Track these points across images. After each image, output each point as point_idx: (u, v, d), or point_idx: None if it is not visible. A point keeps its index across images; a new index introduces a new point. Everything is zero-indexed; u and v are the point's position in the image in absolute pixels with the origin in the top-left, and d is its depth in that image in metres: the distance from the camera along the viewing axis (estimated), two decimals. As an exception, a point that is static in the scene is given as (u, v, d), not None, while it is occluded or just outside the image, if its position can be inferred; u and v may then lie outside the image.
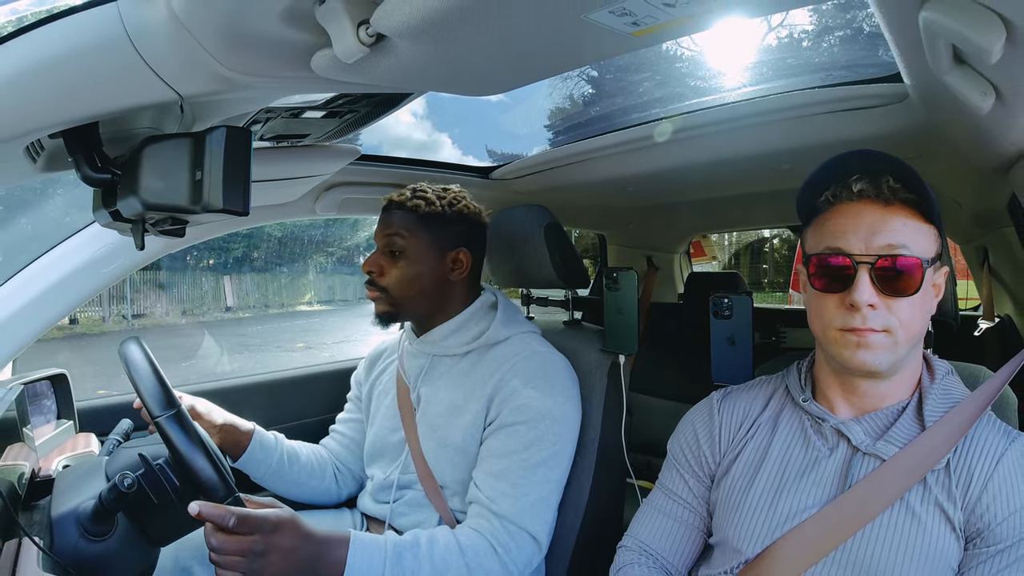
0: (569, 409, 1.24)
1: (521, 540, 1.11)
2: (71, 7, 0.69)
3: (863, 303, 0.82)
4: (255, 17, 0.65)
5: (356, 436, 1.51)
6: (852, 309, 0.83)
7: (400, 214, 1.30)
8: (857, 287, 0.82)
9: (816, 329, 0.90)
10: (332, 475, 1.49)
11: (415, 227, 1.29)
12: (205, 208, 0.78)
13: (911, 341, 0.85)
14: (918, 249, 0.83)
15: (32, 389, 1.29)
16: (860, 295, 0.82)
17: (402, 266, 1.29)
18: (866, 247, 0.83)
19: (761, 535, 0.90)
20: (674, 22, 0.66)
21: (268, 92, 0.90)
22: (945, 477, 0.83)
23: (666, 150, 1.50)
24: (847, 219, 0.86)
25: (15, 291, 1.26)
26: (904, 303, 0.83)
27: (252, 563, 0.91)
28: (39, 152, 0.90)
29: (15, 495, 0.99)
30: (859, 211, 0.85)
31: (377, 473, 1.38)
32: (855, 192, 0.85)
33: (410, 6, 0.60)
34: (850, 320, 0.84)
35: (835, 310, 0.85)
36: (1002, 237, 1.76)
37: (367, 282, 1.33)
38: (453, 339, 1.32)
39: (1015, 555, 0.78)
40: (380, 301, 1.31)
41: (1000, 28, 0.62)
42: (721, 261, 7.78)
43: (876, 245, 0.83)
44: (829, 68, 1.48)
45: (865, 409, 0.91)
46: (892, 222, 0.84)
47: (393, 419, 1.38)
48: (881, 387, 0.90)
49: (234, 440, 1.33)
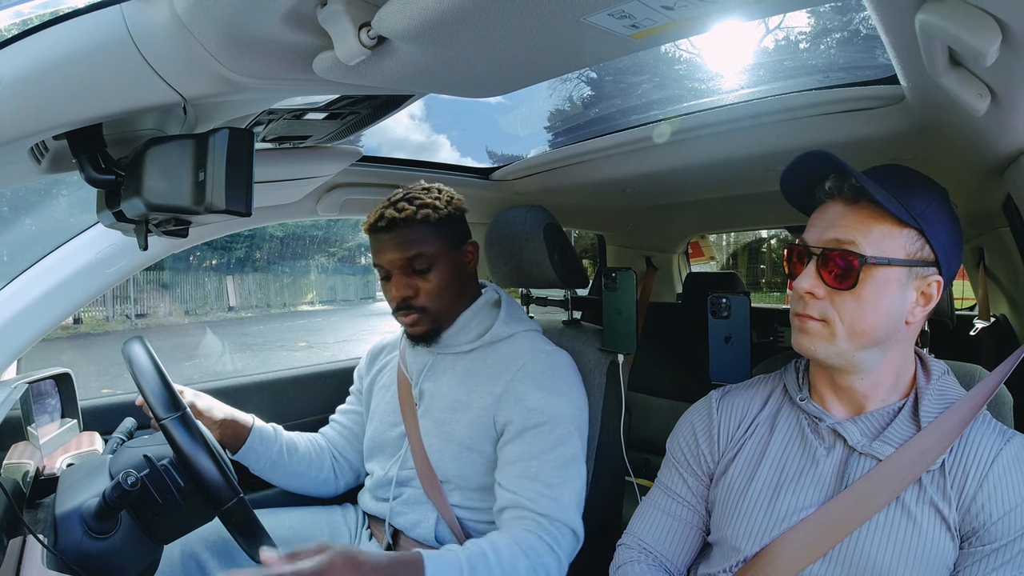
0: (581, 405, 1.26)
1: (566, 535, 1.12)
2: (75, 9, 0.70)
3: (802, 289, 0.88)
4: (258, 20, 0.66)
5: (355, 428, 1.52)
6: (796, 294, 0.90)
7: (412, 230, 1.24)
8: (801, 274, 0.89)
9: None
10: (330, 466, 1.49)
11: (433, 237, 1.26)
12: (208, 209, 0.78)
13: (857, 339, 0.86)
14: (870, 247, 0.84)
15: (37, 388, 1.29)
16: (800, 281, 0.88)
17: (432, 279, 1.26)
18: (817, 239, 0.89)
19: (759, 534, 0.91)
20: (672, 24, 0.67)
21: (270, 94, 0.90)
22: (940, 477, 0.84)
23: (665, 151, 1.51)
24: (817, 215, 0.92)
25: (20, 291, 1.27)
26: (847, 298, 0.85)
27: None
28: (44, 153, 0.91)
29: (20, 493, 1.00)
30: (826, 208, 0.91)
31: (376, 469, 1.39)
32: (826, 191, 0.91)
33: (411, 9, 0.61)
34: (796, 306, 0.91)
35: (793, 296, 0.92)
36: (997, 237, 1.76)
37: (400, 308, 1.28)
38: (457, 337, 1.33)
39: (1010, 553, 0.79)
40: (420, 322, 1.28)
41: (996, 31, 0.63)
42: (719, 261, 7.79)
43: (825, 238, 0.88)
44: (826, 70, 1.48)
45: (854, 407, 0.92)
46: (848, 218, 0.87)
47: (393, 414, 1.39)
48: (860, 383, 0.91)
49: (234, 433, 1.34)
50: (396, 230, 1.24)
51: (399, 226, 1.24)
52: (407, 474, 1.32)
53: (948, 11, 0.64)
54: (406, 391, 1.38)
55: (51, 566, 0.86)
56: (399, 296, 1.27)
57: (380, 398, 1.45)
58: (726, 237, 10.84)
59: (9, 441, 1.12)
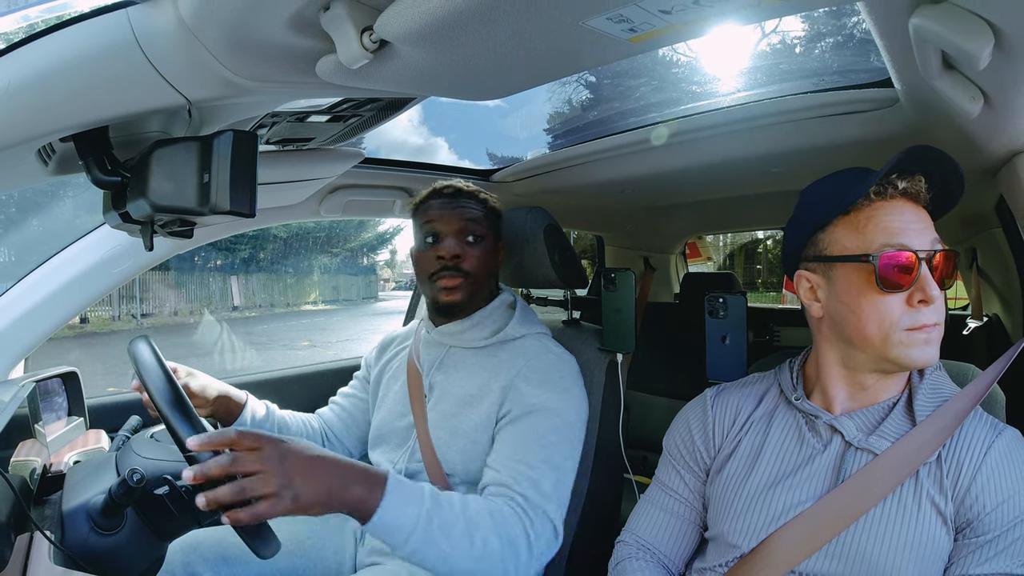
0: (580, 407, 1.26)
1: (544, 525, 1.09)
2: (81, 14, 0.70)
3: (936, 297, 0.82)
4: (262, 24, 0.66)
5: (355, 412, 1.54)
6: (921, 305, 0.82)
7: (474, 202, 1.34)
8: (928, 282, 0.82)
9: (872, 332, 0.86)
10: (322, 444, 1.50)
11: (488, 217, 1.35)
12: (213, 210, 0.79)
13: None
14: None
15: (44, 386, 1.31)
16: (934, 289, 0.82)
17: (480, 251, 1.32)
18: (923, 242, 0.84)
19: (756, 529, 0.92)
20: (670, 28, 0.68)
21: (274, 97, 0.91)
22: (936, 470, 0.85)
23: (662, 153, 1.52)
24: (894, 216, 0.85)
25: (28, 290, 1.29)
26: (941, 299, 0.85)
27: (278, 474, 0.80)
28: (51, 155, 0.92)
29: (27, 490, 1.01)
30: (900, 208, 0.85)
31: (382, 460, 1.39)
32: (899, 190, 0.85)
33: (412, 13, 0.62)
34: (920, 317, 0.83)
35: (902, 309, 0.84)
36: (990, 238, 1.78)
37: (446, 269, 1.29)
38: (472, 333, 1.35)
39: (1003, 544, 0.80)
40: (461, 288, 1.30)
41: (988, 34, 0.64)
42: (716, 262, 7.81)
43: (929, 240, 0.84)
44: (821, 73, 1.49)
45: (863, 404, 0.93)
46: (925, 219, 0.86)
47: (402, 404, 1.40)
48: (886, 382, 0.92)
49: (226, 410, 1.34)
50: (461, 198, 1.34)
51: (465, 196, 1.35)
52: (415, 467, 1.32)
53: (941, 15, 0.65)
54: (416, 383, 1.39)
55: (58, 562, 0.87)
56: (451, 253, 1.29)
57: (388, 387, 1.46)
58: (723, 238, 10.87)
59: (17, 438, 1.13)
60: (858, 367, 0.91)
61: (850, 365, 0.92)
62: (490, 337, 1.34)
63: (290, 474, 0.81)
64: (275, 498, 0.80)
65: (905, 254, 0.83)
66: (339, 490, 0.85)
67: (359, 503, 0.87)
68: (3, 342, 1.27)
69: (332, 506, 0.85)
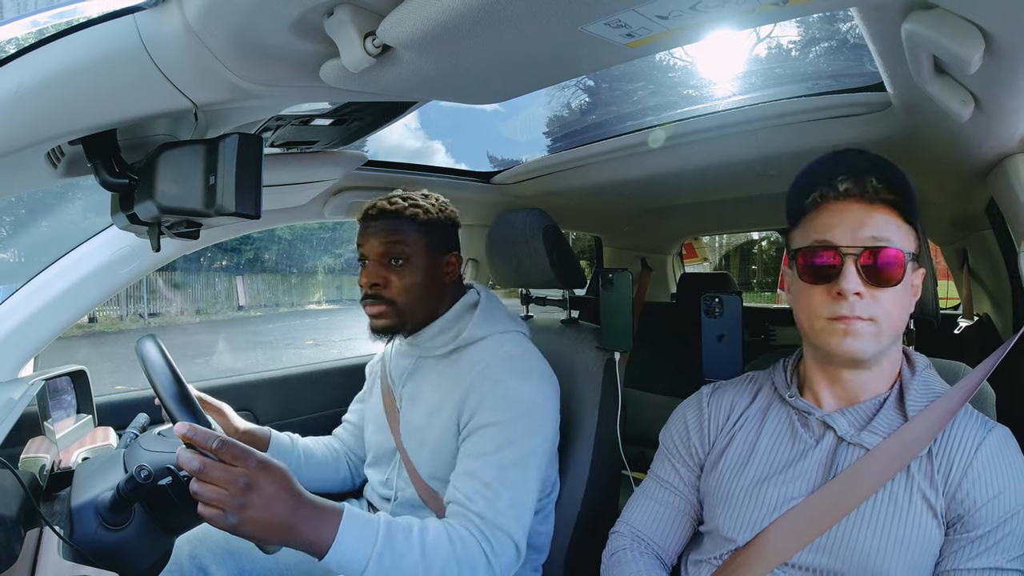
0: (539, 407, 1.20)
1: (504, 545, 1.07)
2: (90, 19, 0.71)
3: (850, 291, 0.85)
4: (266, 29, 0.67)
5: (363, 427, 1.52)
6: (839, 298, 0.86)
7: (398, 222, 1.26)
8: (844, 276, 0.86)
9: (803, 320, 0.93)
10: (346, 466, 1.51)
11: (416, 234, 1.27)
12: (218, 211, 0.80)
13: (893, 333, 0.89)
14: (900, 244, 0.87)
15: (53, 385, 1.32)
16: (847, 283, 0.85)
17: (406, 275, 1.26)
18: (852, 239, 0.87)
19: (750, 524, 0.93)
20: (667, 34, 0.68)
21: (279, 100, 0.92)
22: (927, 465, 0.86)
23: (660, 156, 1.54)
24: (833, 215, 0.90)
25: (37, 290, 1.30)
26: (887, 294, 0.87)
27: (234, 497, 0.82)
28: (60, 158, 0.93)
29: (37, 486, 1.02)
30: (844, 208, 0.89)
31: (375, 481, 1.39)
32: (841, 191, 0.89)
33: (414, 18, 0.63)
34: (837, 309, 0.87)
35: (822, 300, 0.89)
36: (981, 239, 1.79)
37: (368, 297, 1.27)
38: (438, 340, 1.31)
39: (993, 539, 0.82)
40: (385, 315, 1.27)
41: (979, 39, 0.65)
42: (712, 262, 7.81)
43: (861, 237, 0.87)
44: (815, 77, 1.50)
45: (850, 400, 0.94)
46: (875, 218, 0.88)
47: (378, 420, 1.39)
48: (863, 377, 0.93)
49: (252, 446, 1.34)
50: (383, 220, 1.27)
51: (386, 216, 1.27)
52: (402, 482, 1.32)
53: (933, 20, 0.66)
54: (389, 399, 1.38)
55: (67, 557, 0.87)
56: (369, 282, 1.27)
57: (370, 405, 1.47)
58: (719, 239, 10.86)
59: (26, 436, 1.14)
60: (819, 359, 0.96)
61: (816, 357, 0.97)
62: (451, 342, 1.29)
63: (244, 502, 0.83)
64: (219, 514, 0.82)
65: (826, 250, 0.88)
66: (285, 531, 0.87)
67: (309, 545, 0.90)
68: (13, 341, 1.28)
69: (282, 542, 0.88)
